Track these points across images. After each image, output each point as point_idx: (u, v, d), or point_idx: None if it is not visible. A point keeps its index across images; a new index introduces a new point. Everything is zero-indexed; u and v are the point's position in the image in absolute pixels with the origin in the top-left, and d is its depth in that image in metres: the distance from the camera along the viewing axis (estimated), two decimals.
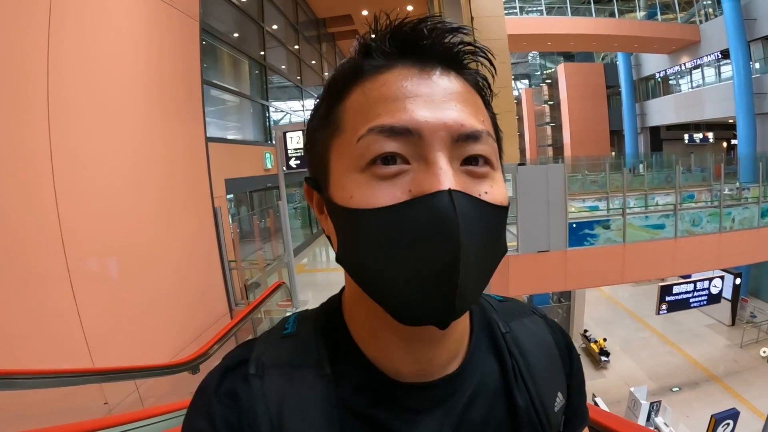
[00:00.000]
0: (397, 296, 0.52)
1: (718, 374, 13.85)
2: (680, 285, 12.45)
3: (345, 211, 0.53)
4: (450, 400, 0.63)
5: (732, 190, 15.91)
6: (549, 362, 0.75)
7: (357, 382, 0.61)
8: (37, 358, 3.44)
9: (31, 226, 3.69)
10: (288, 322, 0.70)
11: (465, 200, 0.51)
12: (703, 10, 26.41)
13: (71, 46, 4.21)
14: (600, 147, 34.31)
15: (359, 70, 0.56)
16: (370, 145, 0.52)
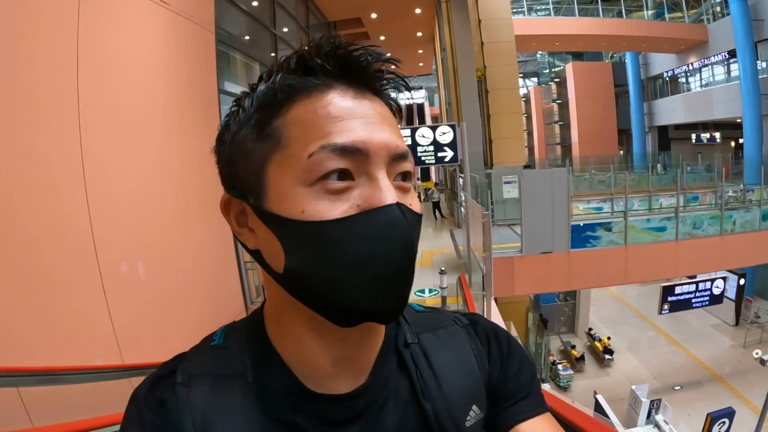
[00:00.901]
0: (353, 299, 0.55)
1: (721, 374, 14.01)
2: (682, 285, 12.58)
3: (297, 224, 0.55)
4: (366, 411, 0.66)
5: (736, 192, 15.95)
6: (462, 375, 0.75)
7: (279, 390, 0.64)
8: (73, 355, 3.75)
9: (67, 234, 3.98)
10: (216, 334, 0.72)
11: (408, 212, 0.58)
12: (711, 9, 26.38)
13: (99, 64, 4.47)
14: (608, 146, 34.15)
15: (301, 87, 0.58)
16: (322, 161, 0.54)
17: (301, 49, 0.60)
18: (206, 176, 6.36)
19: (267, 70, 0.62)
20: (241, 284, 7.20)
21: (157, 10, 5.52)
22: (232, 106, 0.65)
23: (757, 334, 16.11)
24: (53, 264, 3.83)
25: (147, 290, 4.97)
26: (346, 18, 16.55)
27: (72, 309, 3.97)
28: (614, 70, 35.52)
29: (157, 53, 5.60)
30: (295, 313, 0.62)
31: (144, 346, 4.66)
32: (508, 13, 16.68)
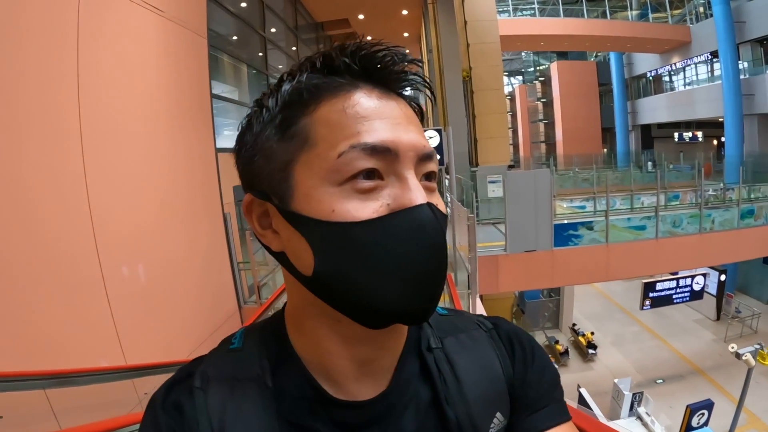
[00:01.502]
0: (385, 300, 0.54)
1: (703, 368, 14.31)
2: (663, 282, 12.95)
3: (326, 224, 0.54)
4: (386, 416, 0.65)
5: (717, 190, 16.28)
6: (486, 381, 0.73)
7: (298, 395, 0.63)
8: (79, 357, 3.92)
9: (71, 240, 4.13)
10: (235, 336, 0.71)
11: (438, 211, 0.57)
12: (694, 11, 26.76)
13: (98, 73, 4.61)
14: (592, 144, 34.54)
15: (327, 86, 0.58)
16: (352, 161, 0.54)
17: (325, 51, 0.60)
18: (201, 178, 6.59)
19: (290, 70, 0.62)
20: (234, 284, 7.35)
21: (153, 17, 5.65)
22: (253, 107, 0.65)
23: (737, 328, 16.49)
24: (59, 268, 3.98)
25: (147, 292, 5.12)
26: (333, 19, 16.67)
27: (77, 312, 4.12)
28: (598, 69, 35.84)
29: (152, 60, 5.73)
30: (318, 315, 0.61)
31: (145, 347, 4.83)
32: (494, 15, 16.86)
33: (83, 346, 4.13)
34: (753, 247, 12.43)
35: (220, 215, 7.04)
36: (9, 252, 3.50)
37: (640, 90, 32.73)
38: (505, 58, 35.91)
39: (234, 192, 7.73)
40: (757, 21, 21.35)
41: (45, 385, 3.24)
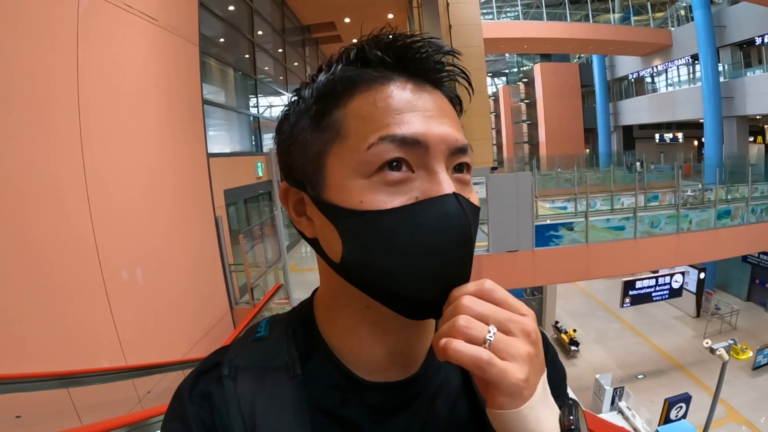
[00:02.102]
0: (409, 289, 0.55)
1: (683, 363, 14.57)
2: (643, 280, 13.24)
3: (355, 213, 0.55)
4: (416, 401, 0.66)
5: (695, 191, 16.56)
6: None
7: (327, 382, 0.63)
8: (82, 358, 4.09)
9: (73, 245, 4.30)
10: (260, 326, 0.71)
11: (466, 202, 0.57)
12: (675, 14, 27.12)
13: (97, 82, 4.77)
14: (574, 145, 34.66)
15: (360, 79, 0.58)
16: (381, 153, 0.54)
17: (360, 40, 0.60)
18: (193, 183, 6.77)
19: (328, 61, 0.62)
20: (226, 286, 7.52)
21: (147, 26, 5.81)
22: (292, 96, 0.65)
23: (717, 324, 16.78)
24: (60, 273, 4.15)
25: (144, 295, 5.29)
26: (319, 22, 16.82)
27: (79, 314, 4.30)
28: (581, 71, 35.87)
29: (147, 68, 5.89)
30: (349, 303, 0.62)
31: (144, 348, 5.00)
32: (478, 19, 17.01)
33: (86, 348, 4.31)
34: (729, 247, 12.76)
35: (212, 218, 7.22)
36: (18, 259, 3.68)
37: (622, 92, 33.01)
38: (488, 59, 36.10)
39: (225, 195, 7.91)
40: (737, 25, 21.67)
41: (57, 385, 3.41)
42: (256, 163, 10.62)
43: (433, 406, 0.67)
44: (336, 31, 17.49)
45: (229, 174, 8.64)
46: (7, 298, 3.55)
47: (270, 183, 11.24)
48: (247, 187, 10.11)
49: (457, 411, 0.69)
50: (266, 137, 12.55)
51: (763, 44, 20.77)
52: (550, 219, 11.49)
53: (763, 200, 13.88)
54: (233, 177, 8.96)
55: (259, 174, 10.72)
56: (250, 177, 10.29)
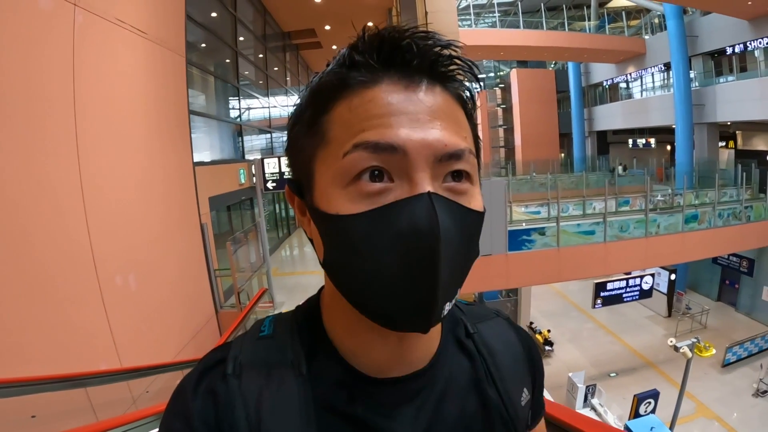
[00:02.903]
0: (383, 299, 0.53)
1: (655, 361, 14.98)
2: (614, 282, 13.61)
3: (328, 217, 0.54)
4: (422, 394, 0.64)
5: (665, 196, 16.95)
6: (514, 360, 0.77)
7: (334, 380, 0.62)
8: (81, 361, 4.30)
9: (71, 253, 4.50)
10: (264, 324, 0.69)
11: (444, 202, 0.52)
12: (650, 23, 27.55)
13: (92, 94, 4.97)
14: (550, 149, 34.88)
15: (345, 84, 0.55)
16: (356, 161, 0.52)
17: (354, 41, 0.57)
18: (181, 191, 7.00)
19: (328, 62, 0.59)
20: (212, 290, 7.74)
21: (137, 40, 6.02)
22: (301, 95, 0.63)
23: (688, 324, 17.23)
24: (60, 282, 4.36)
25: (137, 300, 5.50)
26: (300, 29, 17.00)
27: (78, 320, 4.51)
28: (557, 77, 36.12)
29: (137, 80, 6.09)
30: (343, 304, 0.59)
31: (137, 350, 5.22)
32: (456, 27, 17.10)
33: (85, 351, 4.53)
34: (696, 250, 13.19)
35: (197, 225, 7.43)
36: (19, 268, 3.88)
37: (596, 98, 33.37)
38: None
39: (209, 203, 8.13)
40: (709, 35, 22.10)
41: (61, 387, 3.61)
42: (238, 170, 10.82)
43: (440, 400, 0.66)
44: (316, 38, 17.67)
45: (213, 182, 8.83)
46: (9, 307, 3.73)
47: (252, 189, 11.42)
48: (230, 194, 10.29)
49: (467, 406, 0.68)
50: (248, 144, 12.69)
51: (734, 54, 21.16)
52: (525, 224, 11.79)
53: (730, 204, 14.35)
54: (217, 184, 9.15)
55: (241, 181, 10.90)
56: (233, 184, 10.48)
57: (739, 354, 14.80)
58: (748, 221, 14.03)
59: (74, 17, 4.71)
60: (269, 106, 15.98)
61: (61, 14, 4.56)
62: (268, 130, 16.11)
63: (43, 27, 4.36)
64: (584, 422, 1.92)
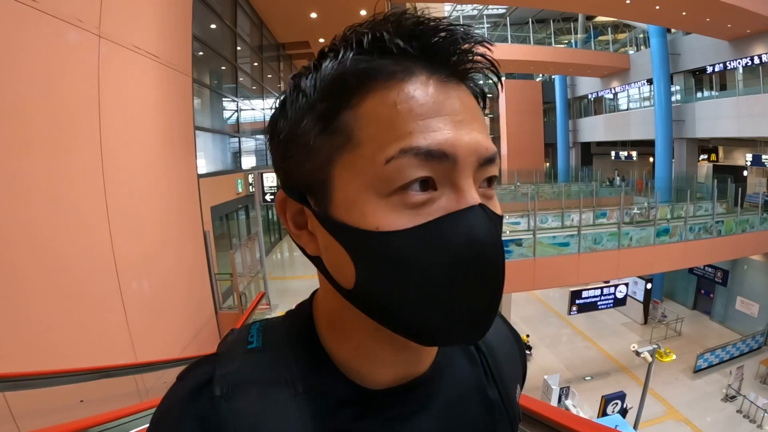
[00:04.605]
0: (435, 318, 0.48)
1: (629, 366, 15.58)
2: (589, 290, 14.23)
3: (372, 236, 0.46)
4: (430, 400, 0.60)
5: (641, 208, 17.65)
6: (511, 357, 0.75)
7: (337, 398, 0.55)
8: (107, 357, 4.84)
9: (98, 263, 5.03)
10: (251, 334, 0.61)
11: (492, 214, 0.50)
12: (635, 39, 28.33)
13: (114, 116, 5.40)
14: (535, 159, 35.41)
15: (376, 72, 0.48)
16: (403, 169, 0.46)
17: (375, 21, 0.50)
18: (187, 202, 7.60)
19: (332, 44, 0.52)
20: (212, 293, 8.30)
21: (151, 64, 6.49)
22: (289, 86, 0.54)
23: (662, 331, 17.96)
24: (88, 287, 4.87)
25: (150, 301, 6.03)
26: (294, 41, 17.42)
27: (103, 321, 5.07)
28: (543, 88, 36.60)
29: (151, 101, 6.58)
30: (359, 323, 0.54)
31: (150, 347, 5.75)
32: None
33: (109, 348, 5.09)
34: (666, 262, 13.89)
35: (201, 233, 7.99)
36: (53, 277, 4.39)
37: (581, 110, 34.02)
38: None
39: (211, 212, 8.69)
40: (691, 54, 22.82)
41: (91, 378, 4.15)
42: (236, 180, 11.32)
43: (447, 406, 0.62)
44: (310, 49, 18.03)
45: (214, 192, 9.30)
46: (43, 310, 4.21)
47: (248, 198, 11.91)
48: (229, 203, 10.78)
49: (471, 409, 0.65)
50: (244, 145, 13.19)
51: (714, 72, 21.88)
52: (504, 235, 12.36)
53: (701, 218, 15.05)
54: (218, 194, 9.63)
55: (239, 190, 11.39)
56: (232, 193, 10.97)
57: (710, 361, 15.43)
58: (719, 235, 14.66)
59: (99, 48, 5.15)
60: (264, 110, 16.27)
61: (87, 46, 4.99)
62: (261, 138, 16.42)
63: (74, 58, 4.81)
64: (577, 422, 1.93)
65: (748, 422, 12.89)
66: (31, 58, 4.13)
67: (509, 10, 30.31)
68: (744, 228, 15.38)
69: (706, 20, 17.35)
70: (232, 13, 11.83)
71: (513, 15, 31.10)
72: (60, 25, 4.49)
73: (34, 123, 4.20)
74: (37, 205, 4.22)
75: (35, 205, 4.19)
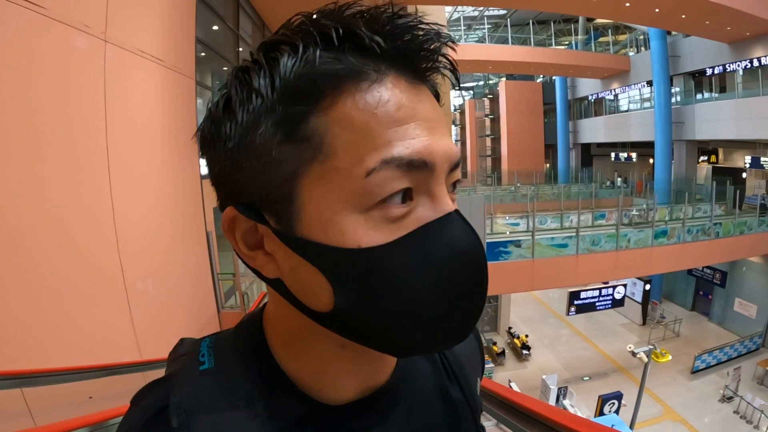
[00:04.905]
0: (421, 331, 0.46)
1: (627, 367, 15.72)
2: (587, 291, 14.42)
3: (344, 252, 0.43)
4: (393, 408, 0.58)
5: (640, 210, 17.70)
6: (471, 351, 0.74)
7: (296, 416, 0.53)
8: (114, 355, 4.93)
9: (105, 265, 5.14)
10: (201, 353, 0.58)
11: (466, 221, 0.48)
12: (635, 41, 28.46)
13: (120, 120, 5.50)
14: (535, 160, 35.62)
15: (348, 72, 0.44)
16: (385, 182, 0.43)
17: (335, 12, 0.45)
18: (192, 203, 7.72)
19: (285, 32, 0.46)
20: (215, 292, 8.42)
21: (156, 67, 6.57)
22: (232, 82, 0.47)
23: (660, 331, 18.08)
24: (98, 288, 5.00)
25: (153, 302, 6.14)
26: None
27: (111, 319, 5.19)
28: (544, 89, 36.83)
29: (155, 104, 6.67)
30: (320, 342, 0.52)
31: (153, 346, 5.86)
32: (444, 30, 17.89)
33: (116, 345, 5.21)
34: (663, 263, 14.02)
35: (204, 233, 8.12)
36: (62, 274, 4.50)
37: (581, 111, 34.11)
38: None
39: (214, 213, 8.78)
40: (690, 56, 22.94)
41: (101, 375, 4.27)
42: None
43: (408, 413, 0.60)
44: None
45: (215, 192, 9.29)
46: (58, 308, 4.33)
47: None
48: None
49: (433, 412, 0.63)
50: None
51: (714, 75, 21.97)
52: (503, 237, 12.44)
53: (699, 220, 15.15)
54: None
55: None
56: None
57: (708, 362, 15.55)
58: (716, 237, 14.77)
59: (105, 53, 5.23)
60: None
61: (94, 51, 5.07)
62: None
63: (81, 63, 4.91)
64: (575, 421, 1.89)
65: (744, 423, 13.00)
66: (43, 65, 4.24)
67: (510, 12, 30.41)
68: (742, 230, 15.50)
69: (705, 23, 17.44)
70: (234, 16, 11.93)
71: (513, 16, 31.19)
72: (68, 31, 4.56)
73: (48, 128, 4.31)
74: (52, 209, 4.34)
75: (50, 209, 4.31)
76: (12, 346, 3.71)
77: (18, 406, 3.43)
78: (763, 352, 16.61)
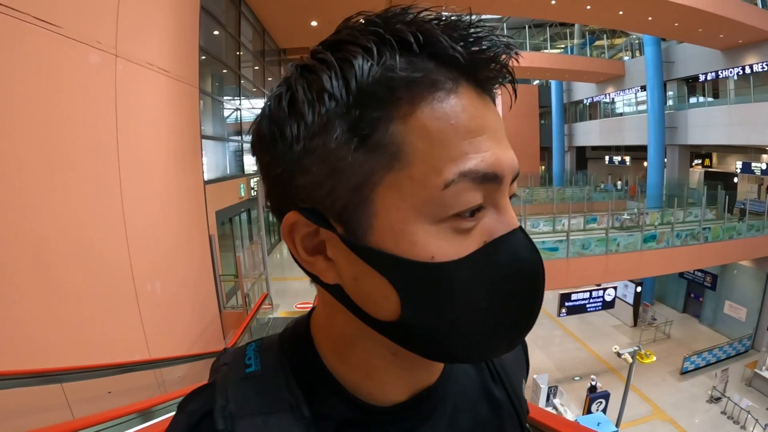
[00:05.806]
0: (481, 341, 0.47)
1: (617, 367, 15.69)
2: (578, 293, 14.58)
3: (418, 265, 0.43)
4: (438, 409, 0.58)
5: (632, 214, 17.93)
6: (515, 352, 0.73)
7: (342, 419, 0.53)
8: (120, 353, 5.18)
9: (116, 268, 5.40)
10: (248, 356, 0.58)
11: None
12: (630, 46, 28.47)
13: (129, 130, 5.73)
14: (531, 162, 35.29)
15: (425, 81, 0.43)
16: (462, 194, 0.42)
17: (418, 19, 0.44)
18: (195, 207, 8.03)
19: (352, 32, 0.45)
20: (217, 293, 8.69)
21: (162, 78, 6.85)
22: (295, 81, 0.47)
23: (651, 333, 18.18)
24: (111, 291, 5.27)
25: (160, 302, 6.40)
26: (295, 47, 17.63)
27: (123, 320, 5.46)
28: (540, 92, 36.55)
29: (161, 113, 6.95)
30: (372, 349, 0.52)
31: (161, 344, 6.14)
32: None
33: (128, 344, 5.48)
34: (652, 267, 14.30)
35: (206, 237, 8.38)
36: (80, 277, 4.78)
37: (577, 114, 34.14)
38: None
39: (216, 216, 9.07)
40: (684, 62, 23.06)
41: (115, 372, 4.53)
42: (239, 185, 11.70)
43: (454, 414, 0.59)
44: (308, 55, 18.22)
45: (218, 197, 9.64)
46: (76, 310, 4.62)
47: (249, 201, 12.31)
48: (232, 207, 11.17)
49: (478, 413, 0.63)
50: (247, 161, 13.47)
51: (706, 81, 22.13)
52: None
53: (689, 224, 15.37)
54: (222, 199, 9.99)
55: (241, 194, 11.77)
56: (235, 198, 11.34)
57: (697, 363, 15.70)
58: (705, 241, 15.00)
59: (116, 66, 5.49)
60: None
61: (106, 65, 5.33)
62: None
63: (94, 77, 5.16)
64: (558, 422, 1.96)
65: (732, 423, 13.17)
66: (61, 80, 4.53)
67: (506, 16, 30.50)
68: (731, 235, 15.70)
69: (698, 30, 17.63)
70: (235, 23, 12.16)
71: (510, 21, 31.30)
72: (82, 48, 4.84)
73: (67, 139, 4.61)
74: (71, 215, 4.62)
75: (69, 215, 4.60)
76: (35, 346, 3.99)
77: (56, 400, 3.73)
78: (752, 354, 16.70)
